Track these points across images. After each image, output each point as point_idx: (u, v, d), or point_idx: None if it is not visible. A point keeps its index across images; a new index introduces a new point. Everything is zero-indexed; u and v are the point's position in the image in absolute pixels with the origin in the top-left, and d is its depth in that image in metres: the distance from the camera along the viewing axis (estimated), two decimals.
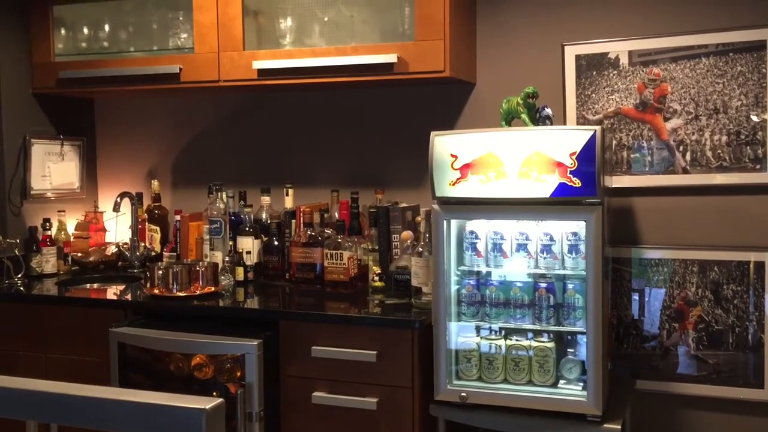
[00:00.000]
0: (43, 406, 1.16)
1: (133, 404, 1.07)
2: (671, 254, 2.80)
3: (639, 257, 2.84)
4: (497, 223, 2.52)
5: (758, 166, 2.68)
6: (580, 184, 2.29)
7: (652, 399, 2.85)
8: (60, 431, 1.80)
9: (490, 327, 2.56)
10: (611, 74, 2.83)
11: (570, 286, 2.44)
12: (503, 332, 2.55)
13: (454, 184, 2.43)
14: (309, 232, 3.05)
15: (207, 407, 1.01)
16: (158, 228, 3.51)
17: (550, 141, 2.33)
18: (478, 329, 2.58)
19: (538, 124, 2.53)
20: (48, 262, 3.32)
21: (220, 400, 1.03)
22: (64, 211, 3.49)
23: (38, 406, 1.17)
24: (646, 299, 2.84)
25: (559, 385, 2.47)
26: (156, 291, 2.88)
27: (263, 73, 2.98)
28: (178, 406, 1.03)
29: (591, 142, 2.27)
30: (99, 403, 1.09)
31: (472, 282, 2.55)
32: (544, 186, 2.33)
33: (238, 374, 2.58)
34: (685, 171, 2.77)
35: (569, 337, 2.52)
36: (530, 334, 2.52)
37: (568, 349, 2.51)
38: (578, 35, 2.89)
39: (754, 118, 2.66)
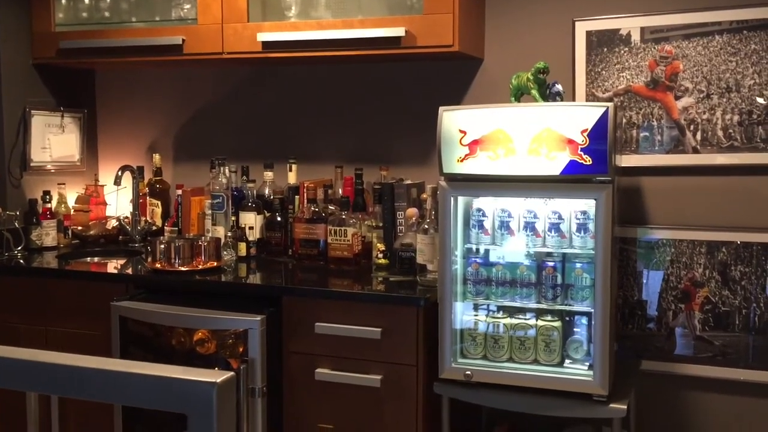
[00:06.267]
0: (47, 377, 1.13)
1: (141, 377, 1.04)
2: (679, 235, 2.77)
3: (646, 237, 2.81)
4: (505, 200, 2.49)
5: None
6: (591, 162, 2.25)
7: (656, 380, 2.83)
8: (60, 404, 1.79)
9: (496, 306, 2.53)
10: (622, 51, 2.79)
11: (578, 265, 2.41)
12: (509, 311, 2.53)
13: (462, 161, 2.39)
14: (312, 208, 3.01)
15: (218, 380, 0.98)
16: (159, 202, 3.48)
17: (561, 117, 2.29)
18: (484, 307, 2.55)
19: (548, 101, 2.49)
20: (48, 235, 3.29)
21: (231, 373, 1.00)
22: (64, 183, 3.45)
23: (41, 378, 1.14)
24: (653, 280, 2.81)
25: (564, 365, 2.45)
26: (158, 265, 2.85)
27: (268, 45, 2.93)
28: (188, 379, 1.00)
29: (603, 119, 2.23)
30: (107, 375, 1.06)
31: (478, 260, 2.52)
32: (555, 163, 2.29)
33: (241, 350, 2.56)
34: (695, 150, 2.73)
35: (575, 317, 2.50)
36: (535, 313, 2.50)
37: (575, 329, 2.49)
38: (589, 11, 2.84)
39: (761, 101, 2.61)
